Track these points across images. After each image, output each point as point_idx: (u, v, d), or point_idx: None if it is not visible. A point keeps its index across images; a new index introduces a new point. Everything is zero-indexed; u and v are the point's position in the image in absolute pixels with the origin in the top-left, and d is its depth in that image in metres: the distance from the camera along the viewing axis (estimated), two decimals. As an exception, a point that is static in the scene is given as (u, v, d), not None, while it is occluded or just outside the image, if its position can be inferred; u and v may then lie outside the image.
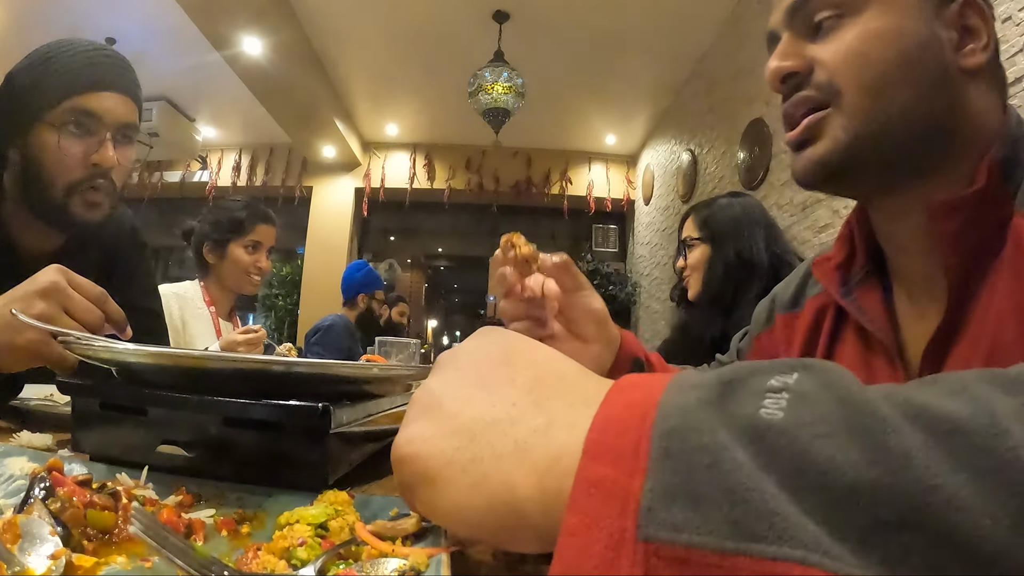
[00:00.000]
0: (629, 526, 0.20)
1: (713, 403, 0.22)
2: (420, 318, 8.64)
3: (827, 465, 0.19)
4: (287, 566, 0.33)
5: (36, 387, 0.94)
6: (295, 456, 0.48)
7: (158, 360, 0.52)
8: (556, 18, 4.55)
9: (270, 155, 7.04)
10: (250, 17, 4.13)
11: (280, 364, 0.50)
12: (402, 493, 0.32)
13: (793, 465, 0.19)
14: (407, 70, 5.42)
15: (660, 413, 0.22)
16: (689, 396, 0.23)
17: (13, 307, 0.69)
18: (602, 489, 0.21)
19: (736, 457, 0.20)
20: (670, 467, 0.21)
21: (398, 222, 7.60)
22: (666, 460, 0.21)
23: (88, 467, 0.47)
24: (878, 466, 0.19)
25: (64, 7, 4.37)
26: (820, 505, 0.19)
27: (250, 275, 2.09)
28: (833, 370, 0.23)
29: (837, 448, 0.19)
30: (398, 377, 0.72)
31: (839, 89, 0.61)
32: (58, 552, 0.31)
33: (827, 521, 0.18)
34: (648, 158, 6.53)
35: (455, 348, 0.36)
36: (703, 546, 0.19)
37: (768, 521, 0.18)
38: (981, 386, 0.21)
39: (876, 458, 0.19)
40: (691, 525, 0.19)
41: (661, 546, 0.19)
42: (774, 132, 3.57)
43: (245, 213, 2.09)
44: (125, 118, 1.06)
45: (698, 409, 0.22)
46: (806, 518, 0.18)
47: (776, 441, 0.20)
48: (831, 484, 0.19)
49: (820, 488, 0.19)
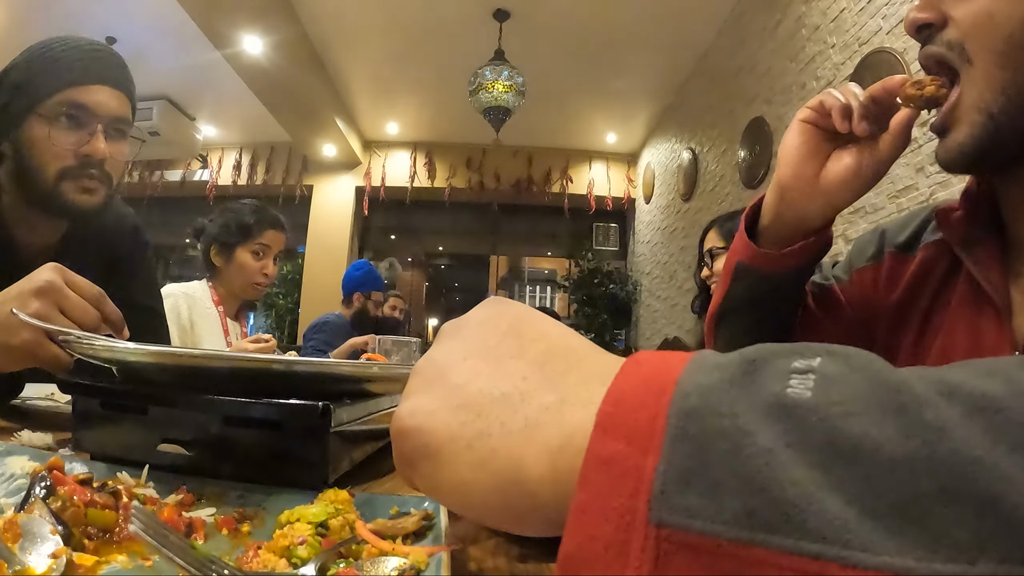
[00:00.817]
0: (641, 508, 0.20)
1: (736, 383, 0.21)
2: (421, 317, 8.64)
3: (861, 440, 0.18)
4: (287, 565, 0.33)
5: (37, 386, 0.94)
6: (295, 455, 0.48)
7: (159, 359, 0.52)
8: (556, 17, 4.55)
9: (270, 154, 7.05)
10: (250, 16, 4.13)
11: (280, 363, 0.50)
12: (401, 469, 0.30)
13: (825, 440, 0.19)
14: (408, 69, 5.41)
15: (679, 391, 0.21)
16: (711, 375, 0.22)
17: (8, 306, 0.69)
18: (614, 466, 0.21)
19: (757, 443, 0.19)
20: (686, 449, 0.20)
21: (399, 221, 7.60)
22: (683, 441, 0.20)
23: (89, 466, 0.47)
24: (914, 439, 0.18)
25: (65, 6, 4.37)
26: (854, 481, 0.18)
27: (255, 281, 2.07)
28: (859, 354, 0.22)
29: (871, 423, 0.19)
30: (398, 376, 0.72)
31: (969, 56, 0.60)
32: (59, 551, 0.31)
33: (860, 498, 0.17)
34: (649, 156, 6.53)
35: (460, 318, 0.34)
36: (717, 535, 0.18)
37: (786, 512, 0.18)
38: (1014, 370, 0.20)
39: (912, 432, 0.18)
40: (706, 512, 0.19)
41: (673, 531, 0.19)
42: (775, 131, 3.57)
43: (254, 218, 2.06)
44: (117, 112, 1.06)
45: (720, 390, 0.21)
46: (834, 501, 0.18)
47: (806, 418, 0.19)
48: (865, 459, 0.18)
49: (854, 463, 0.18)
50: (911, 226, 0.82)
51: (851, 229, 2.74)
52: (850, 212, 2.70)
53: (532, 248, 8.59)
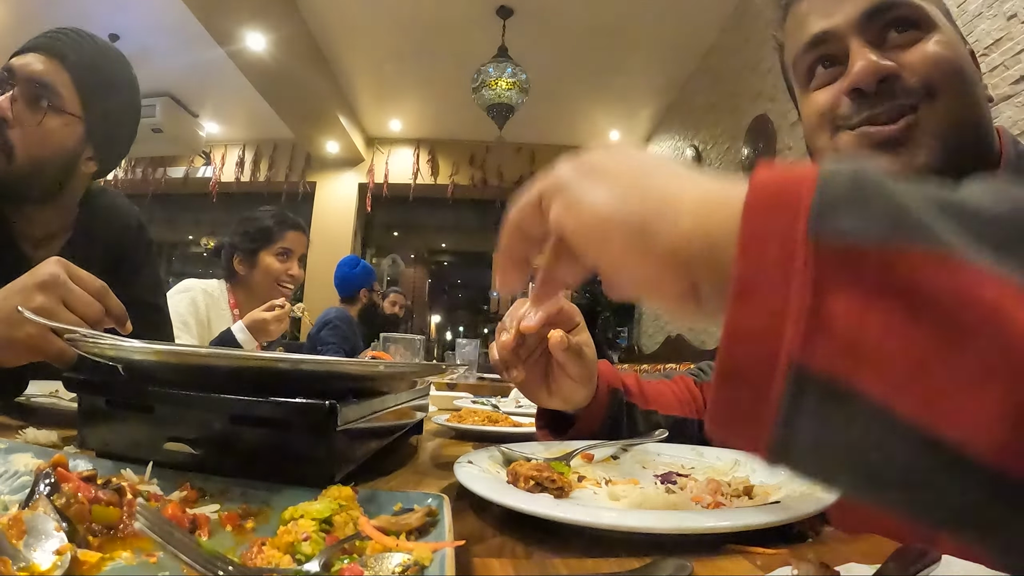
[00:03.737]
0: (801, 227, 0.23)
1: (873, 172, 0.25)
2: (423, 313, 8.64)
3: (966, 201, 0.24)
4: (291, 561, 0.33)
5: (41, 383, 0.95)
6: (301, 453, 0.48)
7: (164, 357, 0.52)
8: (560, 14, 4.54)
9: (273, 151, 7.05)
10: (253, 13, 4.13)
11: (286, 361, 0.50)
12: (544, 190, 0.37)
13: (942, 198, 0.24)
14: (411, 65, 5.41)
15: (823, 165, 0.25)
16: (849, 161, 0.26)
17: (12, 300, 0.69)
18: (776, 202, 0.25)
19: (896, 187, 0.24)
20: (838, 183, 0.24)
21: (401, 217, 7.60)
22: (834, 179, 0.24)
23: (93, 463, 0.47)
24: (1005, 204, 0.23)
25: (68, 4, 4.38)
26: (965, 224, 0.22)
27: (282, 283, 2.06)
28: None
29: (972, 194, 0.24)
30: (404, 374, 0.72)
31: (934, 92, 0.64)
32: (63, 548, 0.31)
33: (970, 236, 0.22)
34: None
35: None
36: (869, 242, 0.22)
37: (925, 226, 0.22)
38: None
39: (1002, 200, 0.23)
40: (857, 228, 0.23)
41: (832, 243, 0.23)
42: (778, 128, 3.56)
43: (274, 221, 2.07)
44: (36, 75, 1.01)
45: (859, 165, 0.25)
46: (953, 232, 0.22)
47: (930, 190, 0.24)
48: (972, 212, 0.23)
49: (963, 214, 0.23)
50: None
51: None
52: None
53: (535, 246, 8.57)
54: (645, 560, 0.37)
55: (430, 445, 0.91)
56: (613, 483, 0.61)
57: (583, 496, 0.56)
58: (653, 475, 0.63)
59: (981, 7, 2.20)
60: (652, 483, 0.61)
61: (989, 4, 2.17)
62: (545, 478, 0.54)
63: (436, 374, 0.77)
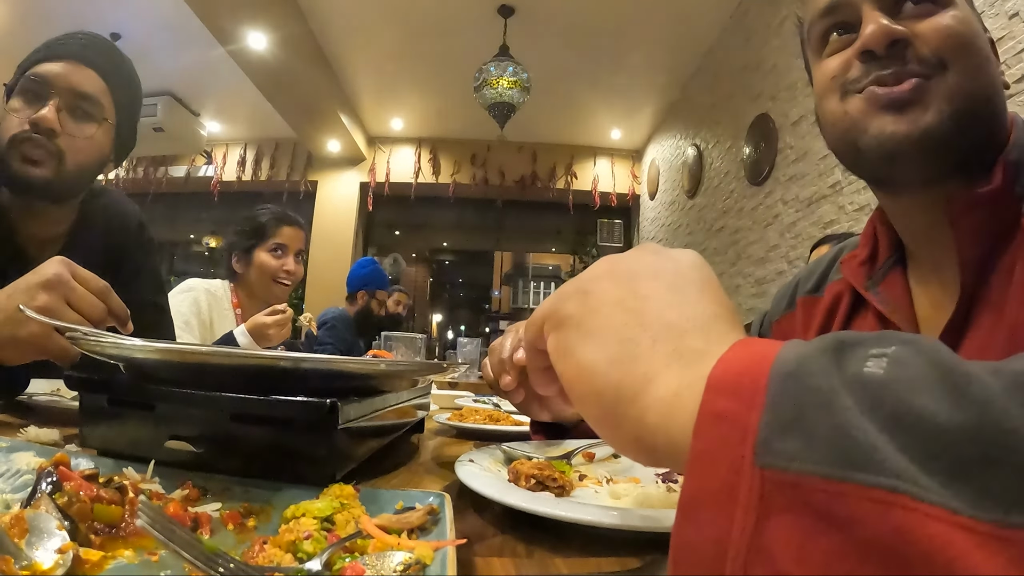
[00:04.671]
0: (748, 454, 0.23)
1: (827, 355, 0.24)
2: (425, 312, 8.65)
3: (921, 412, 0.22)
4: (293, 559, 0.33)
5: (43, 382, 0.95)
6: (302, 452, 0.48)
7: (166, 356, 0.52)
8: (561, 12, 4.53)
9: (275, 150, 7.05)
10: (254, 12, 4.13)
11: (287, 360, 0.50)
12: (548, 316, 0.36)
13: (892, 411, 0.22)
14: (412, 65, 5.41)
15: (779, 358, 0.25)
16: (808, 347, 0.25)
17: (16, 299, 0.69)
18: (725, 420, 0.24)
19: (844, 402, 0.23)
20: (786, 404, 0.23)
21: (403, 217, 7.60)
22: (783, 397, 0.23)
23: (95, 462, 0.47)
24: (963, 411, 0.21)
25: (69, 4, 4.39)
26: (914, 445, 0.21)
27: (278, 280, 2.05)
28: (927, 341, 0.25)
29: (929, 399, 0.22)
30: (405, 373, 0.72)
31: (946, 63, 0.62)
32: (65, 546, 0.31)
33: (920, 459, 0.21)
34: (653, 153, 6.51)
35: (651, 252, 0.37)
36: (812, 473, 0.21)
37: (869, 455, 0.21)
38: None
39: (961, 405, 0.21)
40: (802, 455, 0.22)
41: (776, 472, 0.22)
42: (780, 127, 3.55)
43: (267, 216, 2.07)
44: (78, 86, 1.03)
45: (813, 359, 0.24)
46: (901, 456, 0.21)
47: (878, 392, 0.23)
48: (924, 427, 0.21)
49: (914, 430, 0.21)
50: (818, 272, 0.88)
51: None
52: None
53: (536, 244, 8.59)
54: (646, 559, 0.37)
55: (431, 444, 0.91)
56: (614, 482, 0.61)
57: (584, 495, 0.56)
58: (654, 474, 0.63)
59: (983, 6, 2.19)
60: (653, 482, 0.61)
61: (991, 3, 2.17)
62: (546, 477, 0.55)
63: (437, 373, 0.78)
